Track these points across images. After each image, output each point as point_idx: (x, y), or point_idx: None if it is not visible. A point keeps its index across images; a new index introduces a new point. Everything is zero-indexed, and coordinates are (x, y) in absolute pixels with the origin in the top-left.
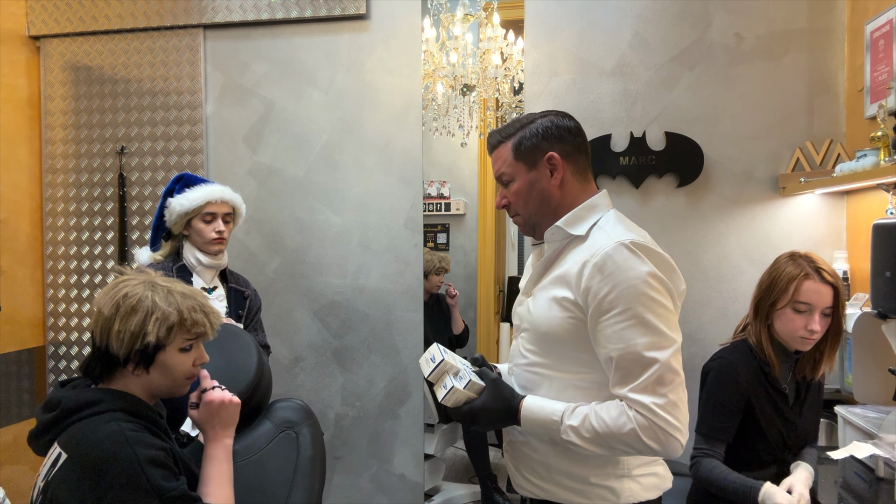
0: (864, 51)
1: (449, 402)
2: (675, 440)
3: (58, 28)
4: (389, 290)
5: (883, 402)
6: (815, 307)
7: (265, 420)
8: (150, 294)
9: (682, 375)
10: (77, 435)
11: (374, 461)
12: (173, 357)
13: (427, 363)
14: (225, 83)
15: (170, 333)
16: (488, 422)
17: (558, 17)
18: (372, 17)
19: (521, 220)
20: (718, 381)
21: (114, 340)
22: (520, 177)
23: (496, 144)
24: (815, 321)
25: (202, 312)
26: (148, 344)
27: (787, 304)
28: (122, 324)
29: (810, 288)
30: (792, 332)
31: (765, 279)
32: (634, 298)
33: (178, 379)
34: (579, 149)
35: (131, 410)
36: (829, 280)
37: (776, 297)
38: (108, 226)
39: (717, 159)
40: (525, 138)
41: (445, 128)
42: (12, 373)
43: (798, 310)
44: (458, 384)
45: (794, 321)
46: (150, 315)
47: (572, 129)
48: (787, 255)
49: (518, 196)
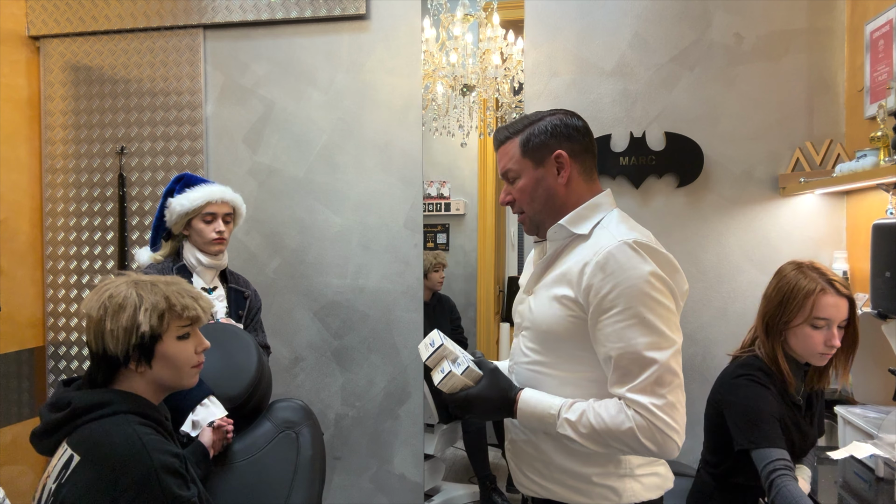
0: (864, 51)
1: (445, 386)
2: (672, 441)
3: (58, 28)
4: (389, 290)
5: (883, 402)
6: (834, 321)
7: (265, 420)
8: (134, 290)
9: (681, 377)
10: (91, 437)
11: (374, 461)
12: (172, 346)
13: (426, 347)
14: (225, 83)
15: (162, 321)
16: (483, 411)
17: (558, 17)
18: (372, 18)
19: (525, 217)
20: (757, 394)
21: (109, 341)
22: (526, 173)
23: (503, 140)
24: (835, 336)
25: (190, 297)
26: (143, 335)
27: (804, 321)
28: (114, 322)
29: (829, 303)
30: (812, 349)
31: (773, 294)
32: (636, 298)
33: (183, 368)
34: (587, 148)
35: (141, 412)
36: (844, 293)
37: (792, 313)
38: (108, 226)
39: (716, 159)
40: (533, 135)
41: (445, 128)
42: (12, 373)
43: (816, 326)
44: (455, 369)
45: (812, 337)
46: (139, 307)
47: (581, 128)
48: (793, 266)
49: (523, 193)
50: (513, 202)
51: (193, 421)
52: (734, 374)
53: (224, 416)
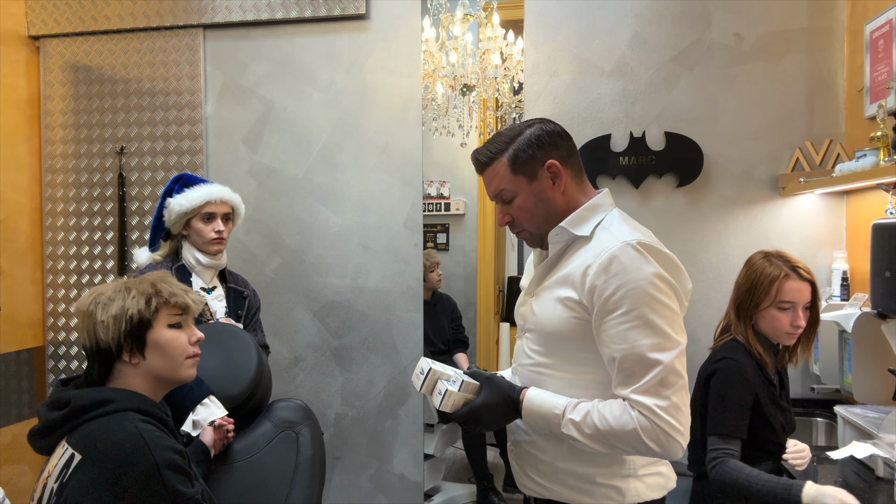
0: (864, 51)
1: (447, 407)
2: (676, 443)
3: (57, 28)
4: (389, 290)
5: (883, 402)
6: (798, 304)
7: (265, 420)
8: (122, 285)
9: (686, 378)
10: (92, 435)
11: (373, 461)
12: (163, 333)
13: (417, 377)
14: (225, 83)
15: (149, 305)
16: (492, 419)
17: (558, 17)
18: (372, 17)
19: (527, 234)
20: (729, 381)
21: (100, 331)
22: (522, 191)
23: (487, 162)
24: (800, 317)
25: (178, 287)
26: (132, 319)
27: (771, 305)
28: (104, 313)
29: (792, 287)
30: (779, 329)
31: (743, 281)
32: (639, 299)
33: (177, 358)
34: (572, 152)
35: (142, 409)
36: (806, 277)
37: (759, 298)
38: (107, 226)
39: (716, 159)
40: (520, 150)
41: (445, 128)
42: (12, 373)
43: (782, 308)
44: (451, 387)
45: (779, 319)
46: (127, 296)
47: (562, 133)
48: (760, 255)
49: (523, 211)
50: (511, 222)
51: (194, 420)
52: (712, 357)
53: (224, 416)
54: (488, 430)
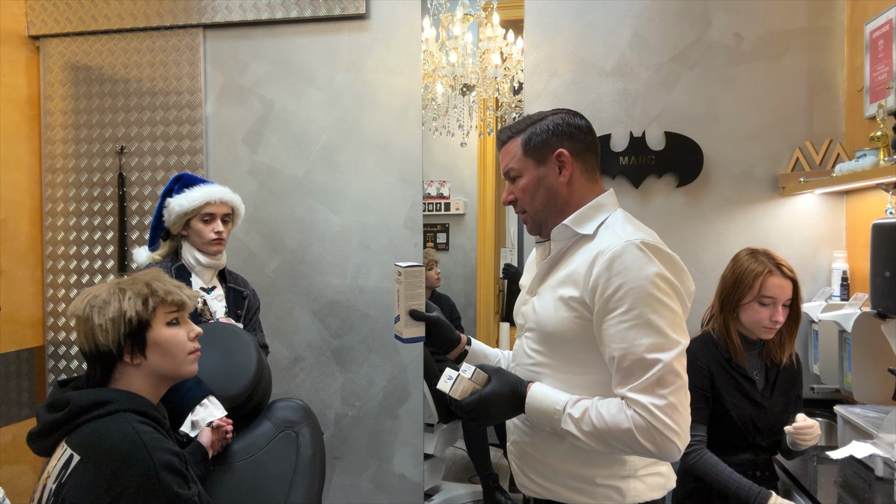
0: (864, 51)
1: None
2: (672, 444)
3: (57, 28)
4: (389, 289)
5: (882, 401)
6: (779, 300)
7: (265, 420)
8: (115, 286)
9: (686, 379)
10: (90, 436)
11: (373, 461)
12: (162, 332)
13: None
14: (225, 83)
15: (147, 305)
16: (498, 410)
17: (558, 17)
18: (372, 17)
19: (527, 217)
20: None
21: (99, 335)
22: (528, 172)
23: (506, 140)
24: (779, 312)
25: (172, 284)
26: (131, 321)
27: (753, 299)
28: (100, 316)
29: (774, 283)
30: (758, 323)
31: (728, 276)
32: (641, 299)
33: (178, 355)
34: (589, 147)
35: (140, 410)
36: (788, 275)
37: (742, 292)
38: (107, 226)
39: (716, 159)
40: (535, 134)
41: (445, 128)
42: (12, 373)
43: (763, 303)
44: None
45: (759, 313)
46: (123, 298)
47: (583, 127)
48: (746, 251)
49: (525, 192)
50: (514, 201)
51: (193, 421)
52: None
53: (223, 416)
54: (493, 423)
